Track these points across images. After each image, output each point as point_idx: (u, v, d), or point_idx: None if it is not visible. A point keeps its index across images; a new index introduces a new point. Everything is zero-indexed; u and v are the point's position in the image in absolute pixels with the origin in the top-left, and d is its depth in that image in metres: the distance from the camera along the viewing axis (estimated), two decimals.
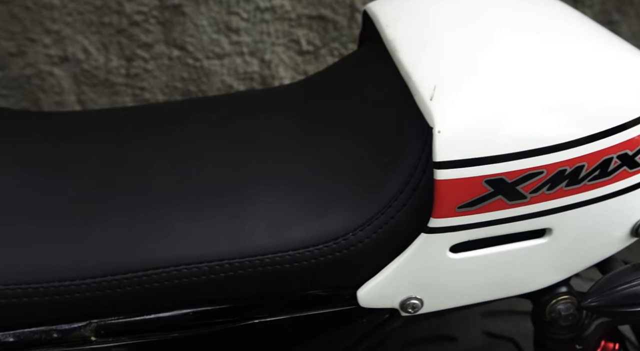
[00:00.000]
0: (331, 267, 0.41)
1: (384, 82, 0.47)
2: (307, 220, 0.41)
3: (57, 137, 0.49)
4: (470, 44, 0.44)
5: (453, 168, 0.37)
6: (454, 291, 0.43)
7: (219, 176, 0.44)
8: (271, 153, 0.45)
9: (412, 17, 0.50)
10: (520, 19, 0.47)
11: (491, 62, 0.42)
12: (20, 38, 1.07)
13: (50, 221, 0.41)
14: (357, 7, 1.09)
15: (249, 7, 1.09)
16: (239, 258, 0.40)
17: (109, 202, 0.43)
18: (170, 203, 0.42)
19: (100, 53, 1.10)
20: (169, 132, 0.48)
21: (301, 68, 1.17)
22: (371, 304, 0.43)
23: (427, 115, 0.39)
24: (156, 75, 1.14)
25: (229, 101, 0.55)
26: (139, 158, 0.46)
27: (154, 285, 0.40)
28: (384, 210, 0.40)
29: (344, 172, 0.43)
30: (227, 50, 1.12)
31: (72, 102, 1.17)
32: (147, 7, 1.06)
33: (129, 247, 0.40)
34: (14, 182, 0.43)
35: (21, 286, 0.39)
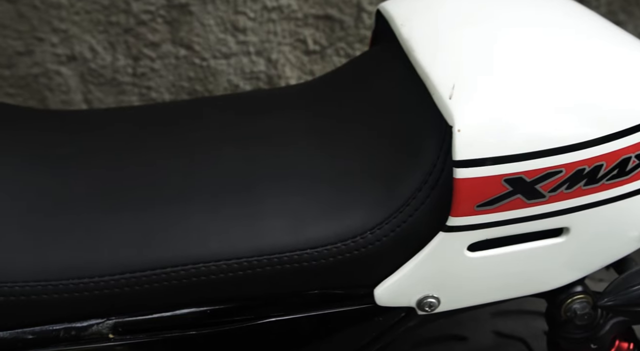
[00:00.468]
0: (349, 265, 0.41)
1: (400, 81, 0.47)
2: (325, 219, 0.41)
3: (71, 135, 0.50)
4: (486, 42, 0.44)
5: (473, 167, 0.38)
6: (471, 290, 0.43)
7: (235, 174, 0.44)
8: (287, 152, 0.45)
9: (427, 16, 0.50)
10: (535, 17, 0.47)
11: (509, 61, 0.42)
12: (27, 37, 1.08)
13: (67, 218, 0.42)
14: (363, 6, 1.10)
15: (255, 6, 1.09)
16: (257, 257, 0.40)
17: (125, 199, 0.43)
18: (186, 201, 0.43)
19: (107, 52, 1.11)
20: (182, 130, 0.49)
21: (307, 68, 1.17)
22: (388, 302, 0.43)
23: (447, 114, 0.39)
24: (163, 74, 1.14)
25: (242, 99, 0.55)
26: (153, 156, 0.46)
27: (172, 282, 0.40)
28: (402, 208, 0.40)
29: (361, 171, 0.43)
30: (234, 50, 1.12)
31: (78, 101, 1.17)
32: (154, 7, 1.06)
33: (147, 244, 0.41)
34: (30, 179, 0.44)
35: (40, 283, 0.39)
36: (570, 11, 0.49)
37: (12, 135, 0.48)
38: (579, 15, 0.49)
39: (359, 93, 0.49)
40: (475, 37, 0.45)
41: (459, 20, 0.48)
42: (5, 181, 0.43)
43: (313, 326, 0.44)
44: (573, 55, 0.43)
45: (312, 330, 0.44)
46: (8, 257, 0.40)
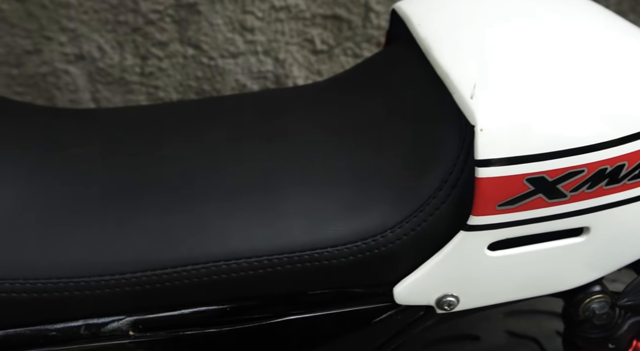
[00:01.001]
0: (368, 264, 0.41)
1: (417, 80, 0.47)
2: (345, 217, 0.41)
3: (90, 133, 0.50)
4: (506, 41, 0.44)
5: (495, 166, 0.38)
6: (491, 289, 0.43)
7: (254, 173, 0.44)
8: (305, 151, 0.45)
9: (444, 15, 0.50)
10: (554, 16, 0.48)
11: (529, 60, 0.42)
12: (36, 36, 1.08)
13: (88, 216, 0.42)
14: (371, 6, 1.10)
15: (264, 6, 1.09)
16: (278, 255, 0.40)
17: (145, 198, 0.43)
18: (206, 199, 0.43)
19: (116, 51, 1.11)
20: (199, 129, 0.49)
21: (315, 67, 1.17)
22: (407, 301, 0.43)
23: (468, 113, 0.39)
24: (170, 73, 1.14)
25: (258, 99, 0.55)
26: (171, 155, 0.46)
27: (193, 280, 0.40)
28: (423, 207, 0.40)
29: (381, 170, 0.43)
30: (242, 49, 1.12)
31: (86, 100, 1.18)
32: (162, 6, 1.06)
33: (168, 242, 0.41)
34: (51, 177, 0.44)
35: (62, 280, 0.40)
36: (587, 10, 0.49)
37: (28, 133, 0.48)
38: (596, 13, 0.49)
39: (376, 92, 0.49)
40: (494, 36, 0.46)
41: (477, 19, 0.48)
42: (25, 180, 0.43)
43: (332, 325, 0.44)
44: (595, 54, 0.43)
45: (331, 328, 0.44)
46: (30, 254, 0.40)
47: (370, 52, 1.16)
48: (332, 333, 0.44)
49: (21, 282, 0.39)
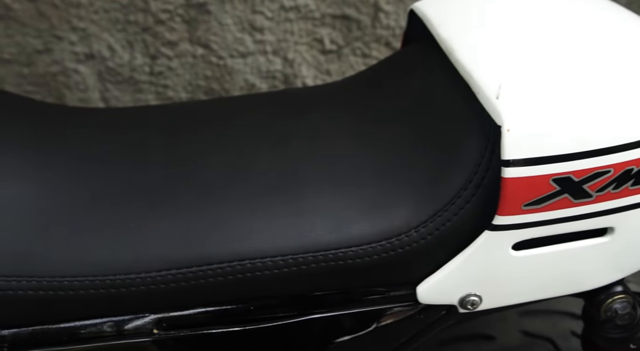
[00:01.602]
0: (392, 263, 0.41)
1: (439, 80, 0.47)
2: (369, 217, 0.41)
3: (110, 132, 0.50)
4: (528, 41, 0.45)
5: (521, 166, 0.38)
6: (514, 288, 0.43)
7: (276, 171, 0.44)
8: (327, 150, 0.45)
9: (465, 16, 0.50)
10: (576, 16, 0.48)
11: (554, 60, 0.42)
12: (47, 35, 1.08)
13: (110, 215, 0.42)
14: (380, 6, 1.10)
15: (273, 6, 1.09)
16: (302, 254, 0.40)
17: (168, 196, 0.43)
18: (229, 198, 0.43)
19: (125, 51, 1.11)
20: (220, 129, 0.49)
21: (324, 67, 1.17)
22: (430, 300, 0.43)
23: (494, 113, 0.39)
24: (180, 73, 1.15)
25: (277, 98, 0.56)
26: (193, 155, 0.46)
27: (217, 279, 0.40)
28: (447, 207, 0.41)
29: (404, 169, 0.43)
30: (251, 49, 1.12)
31: (96, 99, 1.18)
32: (172, 6, 1.07)
33: (192, 241, 0.41)
34: (74, 176, 0.44)
35: (88, 278, 0.40)
36: (609, 9, 0.49)
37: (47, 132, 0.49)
38: (617, 13, 0.49)
39: (396, 92, 0.49)
40: (516, 36, 0.46)
41: (498, 19, 0.48)
42: (48, 179, 0.43)
43: (354, 324, 0.44)
44: (620, 53, 0.43)
45: (353, 328, 0.44)
46: (55, 252, 0.40)
47: (379, 52, 1.16)
48: (354, 332, 0.44)
49: (47, 280, 0.40)
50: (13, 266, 0.39)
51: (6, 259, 0.39)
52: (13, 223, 0.41)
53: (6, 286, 0.39)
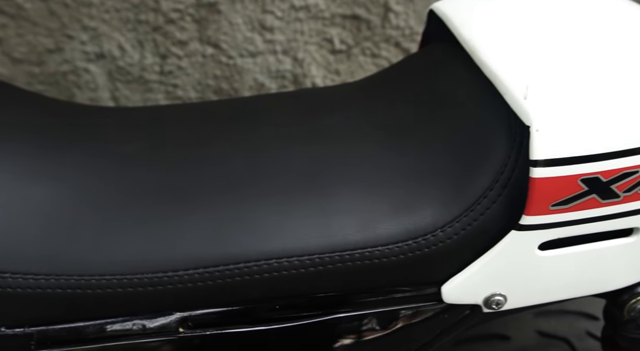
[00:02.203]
0: (418, 263, 0.42)
1: (462, 80, 0.48)
2: (395, 216, 0.41)
3: (133, 131, 0.50)
4: (553, 40, 0.45)
5: (550, 166, 0.38)
6: (539, 288, 0.43)
7: (302, 171, 0.44)
8: (352, 150, 0.45)
9: (487, 16, 0.50)
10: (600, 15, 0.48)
11: (580, 59, 0.43)
12: (58, 35, 1.08)
13: (139, 214, 0.42)
14: (390, 6, 1.10)
15: (283, 5, 1.09)
16: (329, 253, 0.41)
17: (195, 196, 0.43)
18: (255, 197, 0.43)
19: (136, 50, 1.11)
20: (245, 128, 0.49)
21: (333, 67, 1.17)
22: (455, 300, 0.43)
23: (522, 113, 0.39)
24: (189, 72, 1.15)
25: (298, 98, 0.56)
26: (219, 153, 0.46)
27: (244, 278, 0.40)
28: (474, 207, 0.41)
29: (429, 169, 0.43)
30: (261, 49, 1.13)
31: (106, 98, 1.18)
32: (183, 5, 1.07)
33: (219, 239, 0.41)
34: (103, 175, 0.44)
35: (116, 277, 0.40)
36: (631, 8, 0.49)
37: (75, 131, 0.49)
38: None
39: (419, 92, 0.50)
40: (541, 35, 0.46)
41: (521, 19, 0.48)
42: (77, 178, 0.43)
43: (378, 323, 0.44)
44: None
45: (377, 327, 0.44)
46: (84, 251, 0.40)
47: (388, 52, 1.16)
48: (378, 332, 0.44)
49: (76, 278, 0.40)
50: (42, 265, 0.40)
51: (35, 258, 0.40)
52: (42, 222, 0.41)
53: (35, 284, 0.39)
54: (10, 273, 0.39)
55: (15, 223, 0.40)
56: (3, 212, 0.41)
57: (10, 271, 0.39)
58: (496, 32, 0.48)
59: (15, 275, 0.39)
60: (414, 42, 1.19)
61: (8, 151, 0.44)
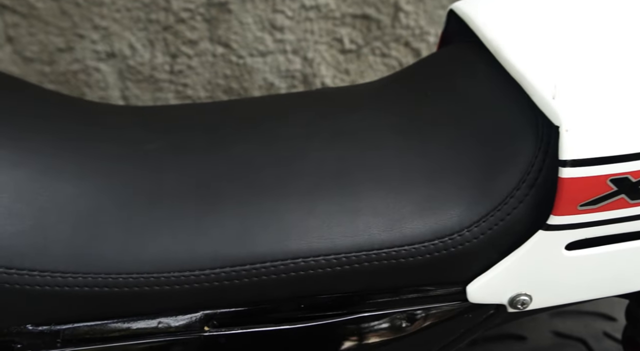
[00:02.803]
0: (444, 262, 0.42)
1: (485, 80, 0.48)
2: (422, 216, 0.41)
3: (154, 130, 0.50)
4: (579, 40, 0.45)
5: (579, 166, 0.38)
6: (564, 288, 0.43)
7: (327, 171, 0.44)
8: (376, 149, 0.45)
9: (508, 15, 0.50)
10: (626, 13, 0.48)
11: (607, 58, 0.42)
12: (69, 34, 1.09)
13: (166, 212, 0.42)
14: (400, 6, 1.10)
15: (294, 5, 1.09)
16: (355, 252, 0.41)
17: (221, 195, 0.43)
18: (281, 196, 0.43)
19: (146, 49, 1.11)
20: (265, 127, 0.49)
21: (342, 67, 1.17)
22: (480, 300, 0.43)
23: (551, 114, 0.39)
24: (199, 72, 1.15)
25: (317, 97, 0.56)
26: (242, 154, 0.46)
27: (271, 277, 0.41)
28: (500, 207, 0.41)
29: (454, 168, 0.43)
30: (271, 48, 1.13)
31: (116, 97, 1.18)
32: (194, 5, 1.07)
33: (246, 239, 0.41)
34: (128, 173, 0.44)
35: (143, 275, 0.40)
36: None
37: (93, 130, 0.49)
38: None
39: (441, 91, 0.49)
40: (566, 34, 0.46)
41: (545, 18, 0.48)
42: (103, 176, 0.43)
43: (403, 322, 0.44)
44: None
45: (401, 326, 0.44)
46: (111, 249, 0.40)
47: (398, 52, 1.16)
48: (402, 331, 0.44)
49: (103, 277, 0.40)
50: (69, 263, 0.40)
51: (62, 256, 0.40)
52: (68, 220, 0.41)
53: (62, 282, 0.39)
54: (38, 271, 0.39)
55: (42, 221, 0.40)
56: (29, 210, 0.41)
57: (38, 269, 0.39)
58: (520, 31, 0.48)
59: (43, 273, 0.39)
60: (424, 41, 1.19)
61: (31, 150, 0.44)
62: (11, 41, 1.08)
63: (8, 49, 1.09)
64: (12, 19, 1.05)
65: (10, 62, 1.11)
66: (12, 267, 0.39)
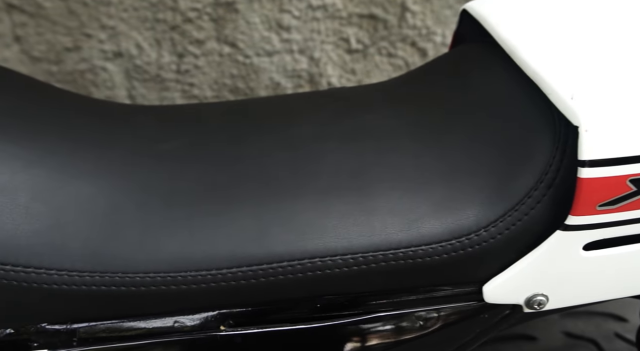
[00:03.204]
0: (461, 262, 0.42)
1: (500, 79, 0.47)
2: (438, 215, 0.41)
3: (170, 129, 0.50)
4: (596, 39, 0.45)
5: (599, 166, 0.38)
6: (581, 289, 0.43)
7: (343, 170, 0.44)
8: (392, 149, 0.45)
9: (522, 15, 0.50)
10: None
11: (626, 58, 0.42)
12: (76, 33, 1.09)
13: (183, 211, 0.42)
14: (407, 6, 1.10)
15: (301, 5, 1.09)
16: (372, 252, 0.41)
17: (238, 194, 0.43)
18: (297, 196, 0.43)
19: (153, 49, 1.11)
20: (282, 126, 0.49)
21: (349, 66, 1.17)
22: (496, 300, 0.43)
23: (570, 114, 0.39)
24: (206, 71, 1.15)
25: (330, 97, 0.55)
26: (258, 154, 0.46)
27: (287, 276, 0.41)
28: (517, 207, 0.41)
29: (471, 168, 0.43)
30: (277, 48, 1.13)
31: (122, 96, 1.18)
32: (201, 4, 1.07)
33: (263, 238, 0.41)
34: (145, 172, 0.44)
35: (160, 274, 0.40)
36: None
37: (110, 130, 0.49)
38: None
39: (458, 90, 0.49)
40: (582, 33, 0.46)
41: (560, 17, 0.48)
42: (120, 175, 0.44)
43: (418, 322, 0.44)
44: None
45: (417, 326, 0.44)
46: (129, 248, 0.40)
47: (404, 52, 1.16)
48: (417, 331, 0.44)
49: (120, 276, 0.40)
50: (86, 262, 0.40)
51: (80, 255, 0.40)
52: (86, 219, 0.41)
53: (80, 281, 0.39)
54: (56, 270, 0.39)
55: (59, 220, 0.41)
56: (47, 209, 0.41)
57: (55, 268, 0.39)
58: (535, 31, 0.48)
59: (61, 271, 0.39)
60: (431, 41, 1.19)
61: (47, 149, 0.44)
62: (19, 40, 1.08)
63: (16, 48, 1.09)
64: (20, 18, 1.06)
65: (17, 61, 1.11)
66: (29, 266, 0.39)
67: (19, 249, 0.39)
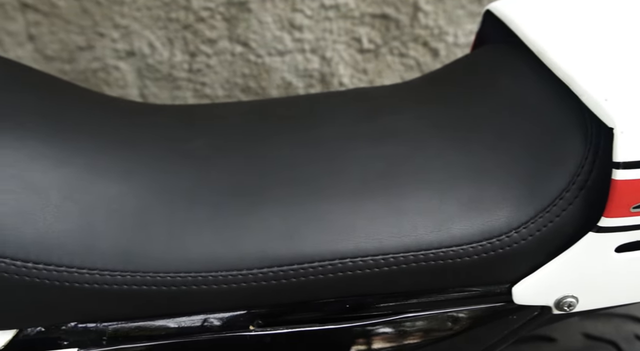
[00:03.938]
0: (491, 263, 0.41)
1: (528, 80, 0.47)
2: (469, 216, 0.41)
3: (193, 129, 0.50)
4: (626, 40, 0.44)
5: (634, 168, 0.38)
6: (612, 291, 0.43)
7: (372, 171, 0.44)
8: (420, 149, 0.45)
9: (549, 16, 0.50)
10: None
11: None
12: (89, 32, 1.09)
13: (212, 211, 0.42)
14: (420, 6, 1.10)
15: (313, 4, 1.09)
16: (403, 253, 0.40)
17: (266, 193, 0.43)
18: (324, 196, 0.43)
19: (165, 48, 1.11)
20: (307, 126, 0.49)
21: (360, 66, 1.17)
22: (526, 301, 0.43)
23: (604, 115, 0.39)
24: (218, 70, 1.15)
25: (352, 97, 0.55)
26: (284, 154, 0.46)
27: (318, 277, 0.40)
28: (549, 208, 0.41)
29: (501, 169, 0.43)
30: (289, 47, 1.13)
31: (134, 95, 1.18)
32: (214, 4, 1.07)
33: (293, 238, 0.41)
34: (172, 172, 0.44)
35: (190, 274, 0.40)
36: None
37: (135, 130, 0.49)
38: None
39: (485, 91, 0.49)
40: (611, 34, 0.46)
41: (589, 17, 0.48)
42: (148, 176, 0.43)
43: (447, 323, 0.44)
44: None
45: (445, 327, 0.44)
46: (159, 248, 0.40)
47: (416, 52, 1.16)
48: (446, 331, 0.44)
49: (151, 275, 0.40)
50: (117, 261, 0.40)
51: (110, 254, 0.40)
52: (115, 218, 0.41)
53: (112, 280, 0.39)
54: (87, 269, 0.39)
55: (90, 219, 0.40)
56: (77, 209, 0.41)
57: (87, 268, 0.39)
58: (563, 31, 0.47)
59: (92, 271, 0.39)
60: (443, 41, 1.18)
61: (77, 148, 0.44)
62: (32, 39, 1.08)
63: (29, 47, 1.09)
64: (34, 17, 1.06)
65: (31, 60, 1.11)
66: (61, 265, 0.39)
67: (50, 248, 0.39)
